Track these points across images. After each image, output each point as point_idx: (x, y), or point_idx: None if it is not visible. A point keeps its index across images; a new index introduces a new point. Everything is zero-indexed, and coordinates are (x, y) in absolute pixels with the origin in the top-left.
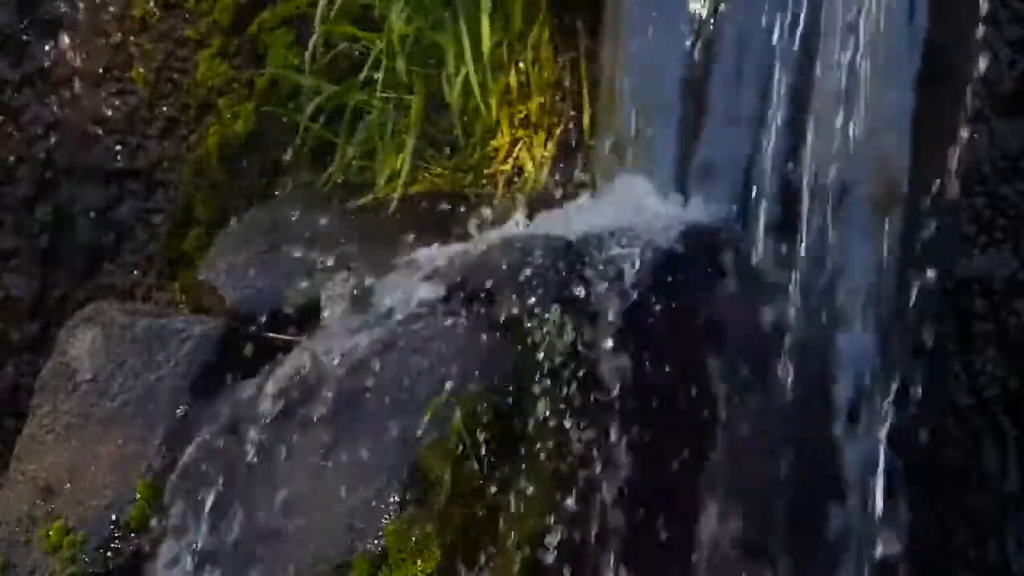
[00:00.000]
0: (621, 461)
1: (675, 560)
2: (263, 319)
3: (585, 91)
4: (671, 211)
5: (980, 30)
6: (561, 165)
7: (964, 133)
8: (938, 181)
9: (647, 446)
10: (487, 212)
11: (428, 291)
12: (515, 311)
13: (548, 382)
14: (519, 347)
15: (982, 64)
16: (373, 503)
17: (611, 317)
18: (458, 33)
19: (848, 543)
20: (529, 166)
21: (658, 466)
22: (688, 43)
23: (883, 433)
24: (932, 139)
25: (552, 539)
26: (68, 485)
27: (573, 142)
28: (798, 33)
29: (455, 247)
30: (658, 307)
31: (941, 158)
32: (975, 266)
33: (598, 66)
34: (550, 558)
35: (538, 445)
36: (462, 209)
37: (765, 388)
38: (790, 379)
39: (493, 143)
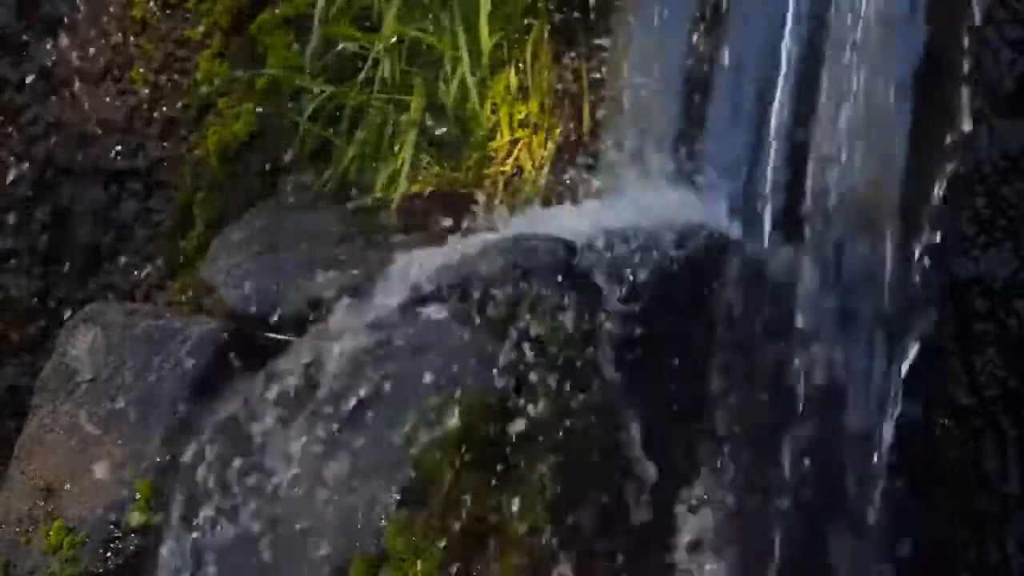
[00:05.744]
0: (622, 460)
1: (674, 560)
2: (263, 319)
3: (585, 91)
4: (673, 211)
5: (980, 30)
6: (561, 165)
7: (964, 133)
8: (938, 181)
9: (648, 444)
10: (487, 212)
11: (428, 291)
12: (515, 311)
13: (548, 382)
14: (520, 346)
15: (982, 64)
16: (373, 503)
17: (612, 318)
18: (456, 34)
19: (850, 546)
20: (529, 166)
21: (660, 465)
22: (691, 44)
23: (885, 432)
24: (932, 139)
25: (551, 538)
26: (68, 485)
27: (573, 142)
28: (802, 33)
29: (455, 247)
30: (660, 308)
31: (941, 158)
32: (975, 266)
33: (600, 66)
34: (550, 558)
35: (538, 445)
36: (462, 209)
37: (768, 386)
38: (797, 377)
39: (493, 143)
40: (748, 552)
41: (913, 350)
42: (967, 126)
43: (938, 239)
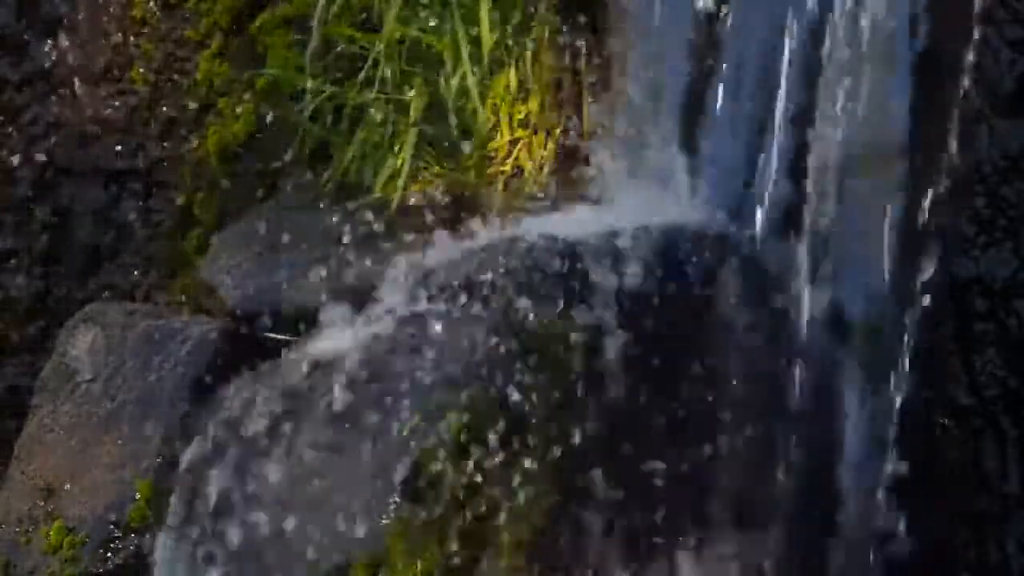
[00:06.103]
0: (621, 460)
1: (674, 560)
2: (263, 319)
3: (585, 91)
4: (673, 211)
5: (979, 30)
6: (561, 165)
7: (964, 133)
8: (938, 181)
9: (648, 444)
10: (487, 212)
11: (428, 291)
12: (515, 311)
13: (549, 382)
14: (520, 346)
15: (982, 64)
16: (373, 503)
17: (612, 317)
18: (455, 34)
19: (850, 542)
20: (529, 166)
21: (661, 464)
22: (691, 43)
23: (886, 432)
24: (932, 139)
25: (552, 539)
26: (68, 485)
27: (573, 142)
28: (803, 34)
29: (455, 247)
30: (658, 308)
31: (941, 158)
32: (975, 266)
33: (600, 66)
34: (550, 558)
35: (538, 444)
36: (462, 209)
37: (770, 387)
38: (795, 378)
39: (493, 143)
40: (747, 552)
41: (911, 350)
42: (966, 126)
43: (938, 239)
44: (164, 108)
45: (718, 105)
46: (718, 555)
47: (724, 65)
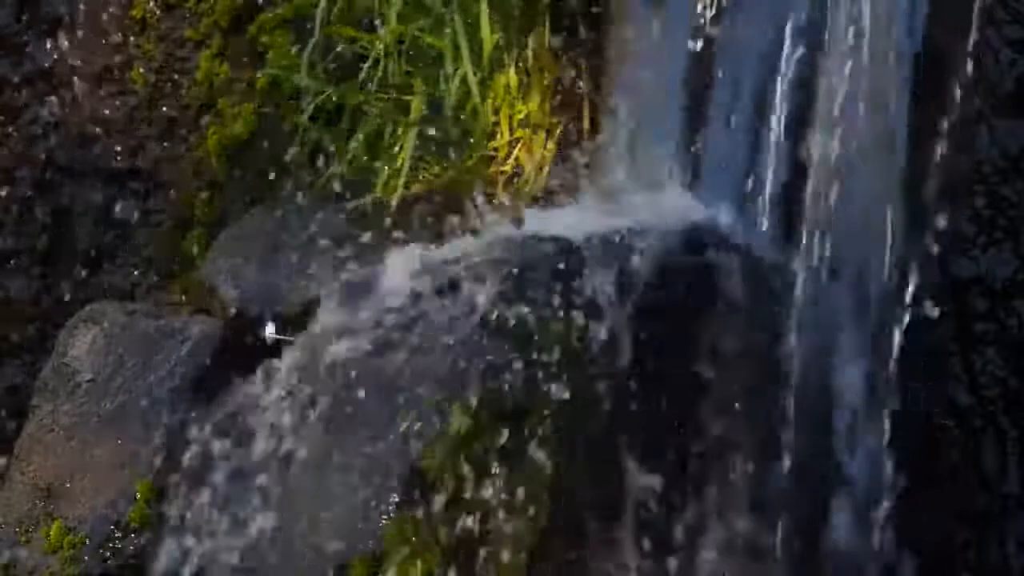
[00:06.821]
0: (621, 460)
1: (676, 560)
2: (263, 319)
3: (585, 91)
4: (672, 210)
5: (980, 30)
6: (561, 165)
7: (964, 133)
8: (938, 181)
9: (647, 445)
10: (487, 212)
11: (427, 291)
12: (516, 311)
13: (547, 382)
14: (519, 346)
15: (982, 64)
16: (373, 503)
17: (612, 317)
18: (456, 34)
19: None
20: (529, 166)
21: (659, 464)
22: (690, 43)
23: (884, 431)
24: (932, 139)
25: (551, 538)
26: (68, 485)
27: (573, 142)
28: (802, 35)
29: (455, 247)
30: (658, 307)
31: (941, 158)
32: (975, 266)
33: (600, 65)
34: (549, 558)
35: (537, 444)
36: (462, 209)
37: (767, 388)
38: (792, 373)
39: (493, 143)
40: (748, 552)
41: (909, 349)
42: (967, 126)
43: (937, 239)
44: (164, 108)
45: (717, 103)
46: (720, 553)
47: (724, 64)
